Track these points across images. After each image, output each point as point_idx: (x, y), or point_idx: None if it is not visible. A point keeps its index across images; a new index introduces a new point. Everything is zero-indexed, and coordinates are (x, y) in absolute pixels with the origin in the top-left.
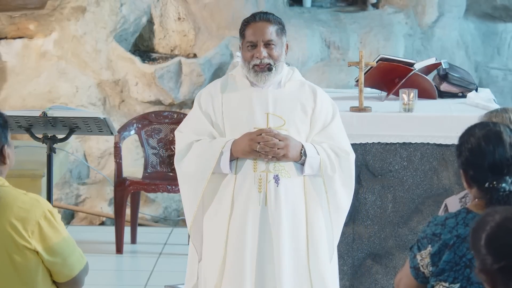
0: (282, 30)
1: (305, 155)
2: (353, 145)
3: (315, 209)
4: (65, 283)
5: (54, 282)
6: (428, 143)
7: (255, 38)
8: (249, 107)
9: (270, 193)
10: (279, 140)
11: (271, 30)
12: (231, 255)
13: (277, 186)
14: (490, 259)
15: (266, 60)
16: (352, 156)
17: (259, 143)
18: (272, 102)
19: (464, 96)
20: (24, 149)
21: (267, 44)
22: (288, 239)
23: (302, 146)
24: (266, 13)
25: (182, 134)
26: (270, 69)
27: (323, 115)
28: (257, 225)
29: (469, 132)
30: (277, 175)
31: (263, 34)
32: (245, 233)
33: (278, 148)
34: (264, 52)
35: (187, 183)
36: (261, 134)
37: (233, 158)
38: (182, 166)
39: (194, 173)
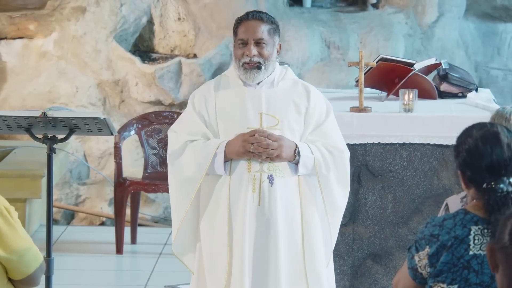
0: (275, 30)
1: (299, 155)
2: (353, 145)
3: (311, 209)
4: (21, 280)
5: (10, 280)
6: (428, 143)
7: (246, 36)
8: (242, 107)
9: (263, 193)
10: (273, 141)
11: (263, 29)
12: (236, 256)
13: (271, 186)
14: (508, 242)
15: (256, 59)
16: (347, 154)
17: (252, 143)
18: (265, 102)
19: (464, 96)
20: (24, 149)
21: (258, 43)
22: (283, 239)
23: (296, 146)
24: (259, 12)
25: (176, 134)
26: (259, 68)
27: (316, 114)
28: (253, 225)
29: (467, 133)
30: (271, 175)
31: (254, 33)
32: (244, 234)
33: (271, 149)
34: (254, 50)
35: (178, 185)
36: (254, 135)
37: (227, 160)
38: (175, 167)
39: (187, 174)
